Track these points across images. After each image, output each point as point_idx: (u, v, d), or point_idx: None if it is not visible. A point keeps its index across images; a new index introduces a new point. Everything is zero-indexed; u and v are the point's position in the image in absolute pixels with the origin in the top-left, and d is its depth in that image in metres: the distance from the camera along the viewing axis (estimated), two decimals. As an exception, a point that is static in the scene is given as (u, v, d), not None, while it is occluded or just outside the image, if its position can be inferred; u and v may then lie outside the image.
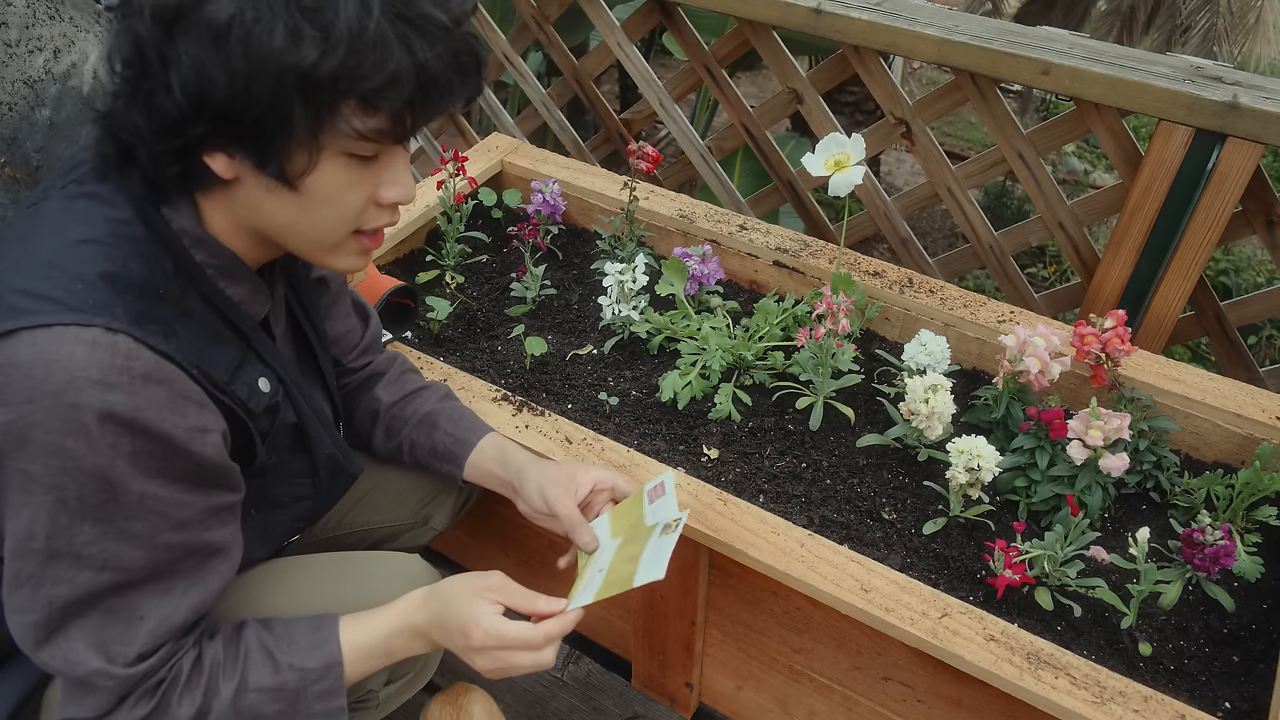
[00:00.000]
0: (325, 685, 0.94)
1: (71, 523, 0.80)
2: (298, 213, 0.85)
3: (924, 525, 1.31)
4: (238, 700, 0.91)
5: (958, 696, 1.20)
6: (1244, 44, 4.81)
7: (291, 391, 1.00)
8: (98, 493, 0.79)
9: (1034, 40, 1.57)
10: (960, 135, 6.18)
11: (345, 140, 0.80)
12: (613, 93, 5.48)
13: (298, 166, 0.80)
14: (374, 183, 0.86)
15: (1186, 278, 1.58)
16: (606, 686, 1.59)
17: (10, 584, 0.83)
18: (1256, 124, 1.40)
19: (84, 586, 0.82)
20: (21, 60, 1.16)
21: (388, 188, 0.87)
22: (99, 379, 0.77)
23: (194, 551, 0.88)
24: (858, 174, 1.32)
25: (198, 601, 0.89)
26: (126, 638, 0.85)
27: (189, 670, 0.89)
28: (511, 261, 1.81)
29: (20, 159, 1.19)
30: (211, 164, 0.82)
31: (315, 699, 0.94)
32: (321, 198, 0.84)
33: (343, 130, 0.79)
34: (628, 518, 1.11)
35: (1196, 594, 1.26)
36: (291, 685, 0.93)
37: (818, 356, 1.45)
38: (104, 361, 0.77)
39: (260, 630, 0.95)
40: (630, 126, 2.21)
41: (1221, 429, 1.40)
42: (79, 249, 0.82)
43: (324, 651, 0.95)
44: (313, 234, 0.87)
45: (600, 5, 2.03)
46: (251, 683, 0.91)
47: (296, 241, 0.89)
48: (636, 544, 1.05)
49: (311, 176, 0.82)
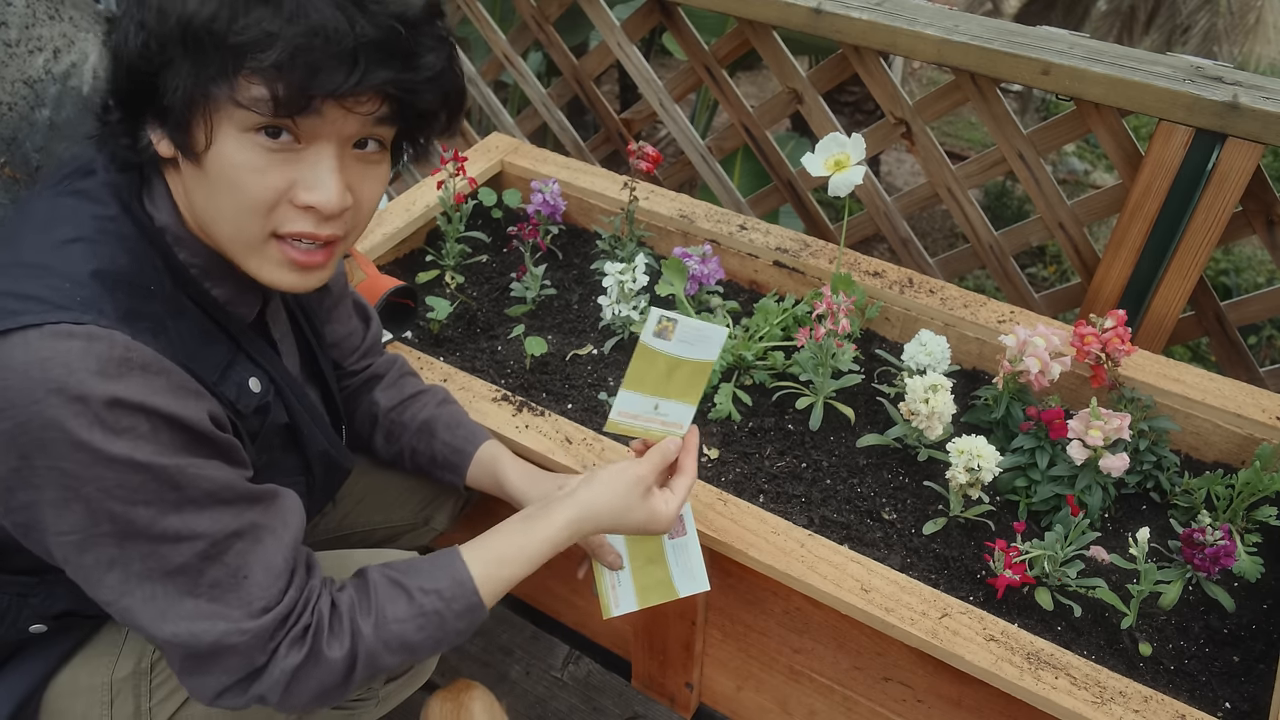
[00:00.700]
0: (462, 602, 0.95)
1: (126, 509, 0.78)
2: (208, 196, 0.82)
3: (924, 525, 1.31)
4: (380, 632, 0.91)
5: (958, 696, 1.20)
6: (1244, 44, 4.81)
7: (284, 391, 0.99)
8: (134, 476, 0.78)
9: (1034, 40, 1.57)
10: (960, 135, 6.18)
11: (234, 110, 0.76)
12: (613, 93, 5.48)
13: (198, 137, 0.78)
14: (288, 177, 0.80)
15: (1186, 278, 1.58)
16: (606, 686, 1.59)
17: (98, 574, 0.81)
18: (1256, 124, 1.40)
19: (172, 558, 0.81)
20: (21, 60, 1.16)
21: (305, 188, 0.81)
22: (98, 370, 0.75)
23: (256, 499, 0.88)
24: (858, 174, 1.32)
25: (289, 539, 0.90)
26: (240, 596, 0.85)
27: (329, 616, 0.90)
28: (511, 261, 1.81)
29: (20, 159, 1.19)
30: (155, 140, 0.82)
31: (456, 617, 0.95)
32: (222, 178, 0.80)
33: (232, 99, 0.76)
34: None
35: (1196, 594, 1.26)
36: (430, 608, 0.94)
37: (818, 356, 1.45)
38: (101, 353, 0.76)
39: (383, 569, 0.96)
40: (630, 126, 2.21)
41: (1221, 429, 1.40)
42: (66, 248, 0.81)
43: (450, 571, 0.96)
44: (228, 226, 0.83)
45: (600, 5, 2.03)
46: (390, 615, 0.92)
47: (218, 235, 0.85)
48: (650, 544, 1.11)
49: (212, 151, 0.79)
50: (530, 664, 1.62)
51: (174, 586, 0.82)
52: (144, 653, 1.02)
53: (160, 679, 1.02)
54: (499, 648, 1.64)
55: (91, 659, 1.01)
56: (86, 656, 1.01)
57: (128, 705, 1.01)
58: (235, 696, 0.87)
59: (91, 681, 1.00)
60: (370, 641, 0.91)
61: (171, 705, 1.02)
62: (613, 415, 1.07)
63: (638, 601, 1.15)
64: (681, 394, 1.07)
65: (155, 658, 1.02)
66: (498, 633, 1.66)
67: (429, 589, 0.94)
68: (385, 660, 0.92)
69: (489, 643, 1.65)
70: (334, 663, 0.89)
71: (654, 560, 1.13)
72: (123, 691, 1.01)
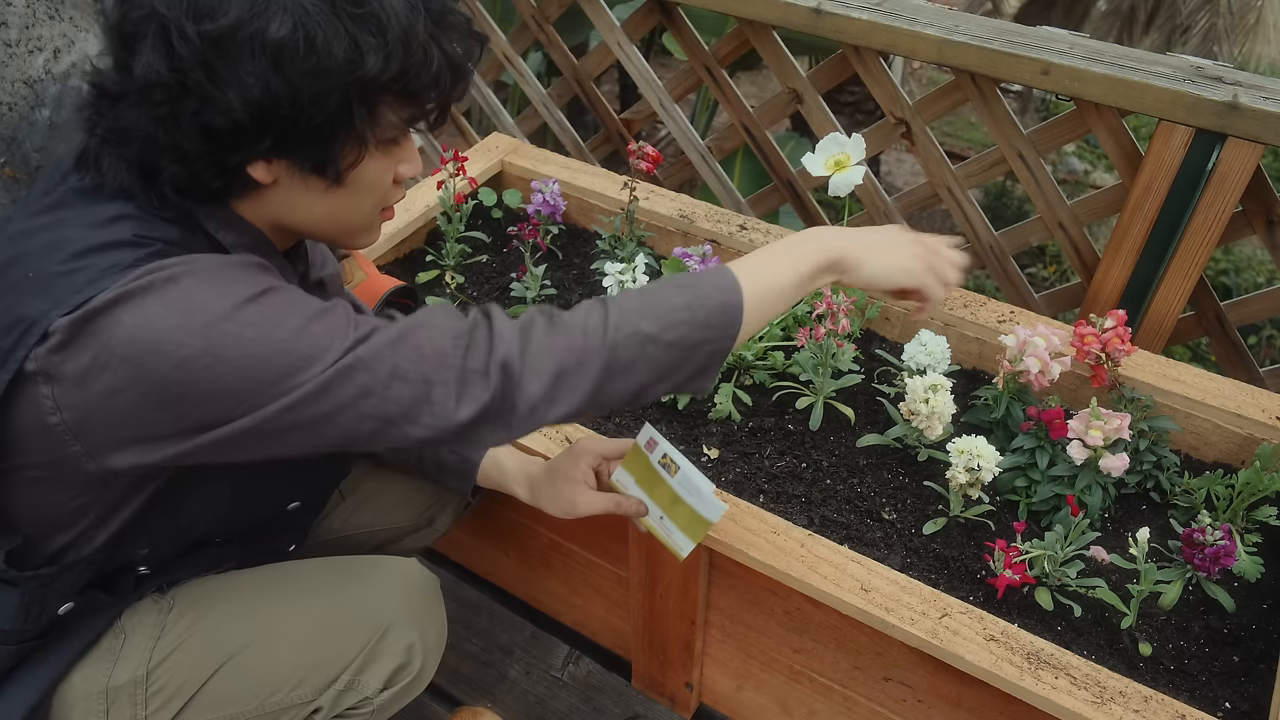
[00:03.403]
0: (721, 278, 0.89)
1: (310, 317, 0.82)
2: (337, 205, 0.90)
3: (924, 525, 1.31)
4: (645, 298, 0.87)
5: (958, 696, 1.20)
6: (1244, 44, 4.81)
7: None
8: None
9: (1034, 40, 1.57)
10: (960, 135, 6.18)
11: (388, 131, 0.86)
12: (613, 93, 5.48)
13: (347, 163, 0.85)
14: (397, 162, 0.91)
15: (1186, 278, 1.58)
16: (606, 686, 1.59)
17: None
18: (1256, 124, 1.40)
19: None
20: (21, 60, 1.16)
21: (405, 165, 0.92)
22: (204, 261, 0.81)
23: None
24: (858, 174, 1.32)
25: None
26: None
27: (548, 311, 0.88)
28: (511, 261, 1.81)
29: (20, 159, 1.19)
30: (253, 172, 0.84)
31: (714, 290, 0.88)
32: (365, 187, 0.89)
33: (386, 123, 0.85)
34: (638, 467, 1.14)
35: (1196, 594, 1.26)
36: (687, 281, 0.89)
37: (818, 356, 1.45)
38: (211, 264, 0.81)
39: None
40: (630, 126, 2.21)
41: (1221, 429, 1.40)
42: (113, 225, 0.83)
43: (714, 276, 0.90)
44: (350, 222, 0.93)
45: (600, 5, 2.03)
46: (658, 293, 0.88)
47: (329, 231, 0.94)
48: (661, 488, 1.12)
49: (357, 170, 0.87)
50: (530, 664, 1.62)
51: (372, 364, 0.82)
52: (140, 660, 1.01)
53: (156, 686, 1.02)
54: (499, 648, 1.64)
55: (89, 666, 1.01)
56: (85, 664, 1.01)
57: (124, 713, 1.00)
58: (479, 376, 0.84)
59: (88, 689, 1.00)
60: (628, 304, 0.86)
61: (168, 713, 1.02)
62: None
63: (690, 539, 1.13)
64: (684, 527, 1.12)
65: (151, 665, 1.02)
66: (497, 633, 1.66)
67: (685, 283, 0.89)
68: (635, 323, 0.85)
69: (489, 643, 1.65)
70: (567, 322, 0.86)
71: (676, 501, 1.13)
72: (119, 699, 1.00)
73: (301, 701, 1.05)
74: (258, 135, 0.80)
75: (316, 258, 1.16)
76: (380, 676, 1.10)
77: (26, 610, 0.94)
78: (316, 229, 0.93)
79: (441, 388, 0.82)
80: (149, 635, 1.03)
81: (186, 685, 1.02)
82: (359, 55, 0.78)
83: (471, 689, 1.58)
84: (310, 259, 1.11)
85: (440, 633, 1.18)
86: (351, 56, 0.78)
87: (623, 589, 1.49)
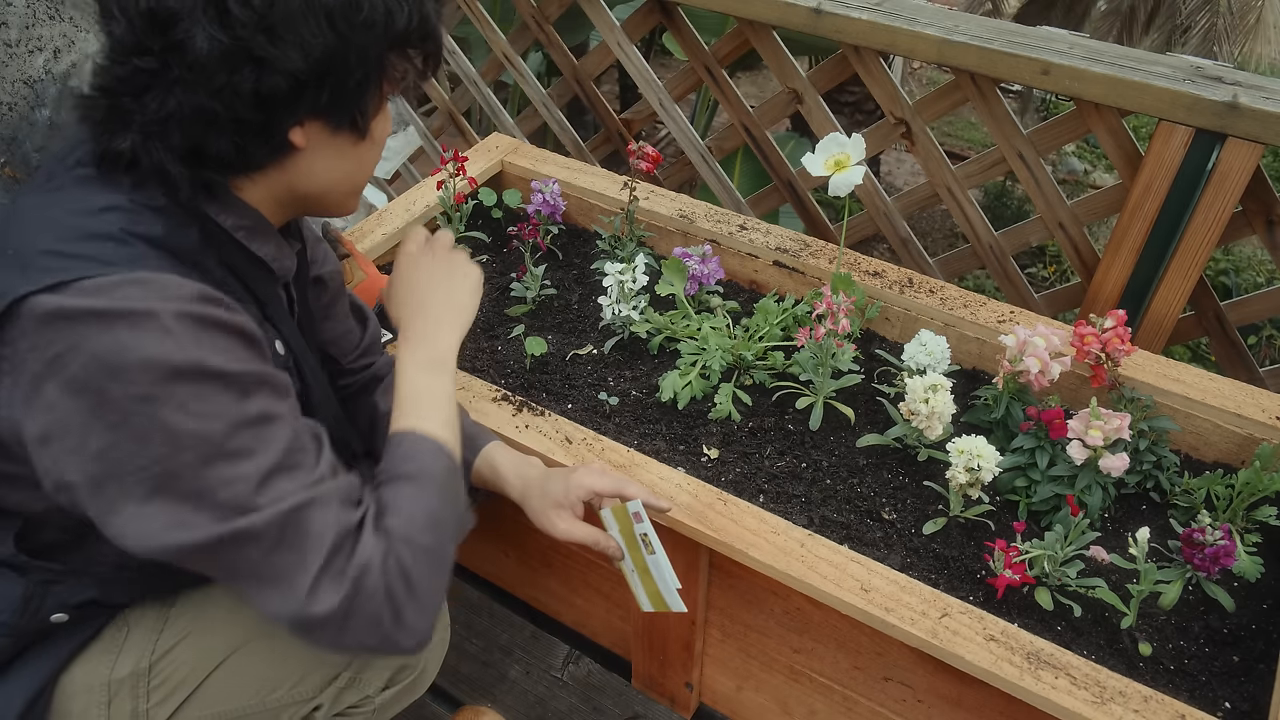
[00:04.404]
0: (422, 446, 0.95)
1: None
2: (357, 161, 0.93)
3: (924, 525, 1.31)
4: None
5: (958, 696, 1.20)
6: (1244, 44, 4.81)
7: (299, 358, 1.02)
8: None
9: (1034, 40, 1.57)
10: (960, 135, 6.18)
11: (397, 84, 0.90)
12: (613, 93, 5.48)
13: (370, 116, 0.90)
14: (386, 118, 0.96)
15: (1186, 278, 1.58)
16: (606, 686, 1.59)
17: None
18: (1256, 124, 1.40)
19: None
20: (21, 60, 1.16)
21: (389, 121, 0.97)
22: (177, 295, 0.79)
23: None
24: (858, 174, 1.32)
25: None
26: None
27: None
28: (511, 261, 1.81)
29: (20, 159, 1.19)
30: (293, 137, 0.86)
31: (433, 461, 0.95)
32: (378, 140, 0.94)
33: (397, 74, 0.89)
34: (624, 522, 1.15)
35: (1196, 594, 1.26)
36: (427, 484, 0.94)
37: (818, 356, 1.45)
38: (169, 288, 0.79)
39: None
40: (630, 126, 2.21)
41: (1221, 429, 1.40)
42: (102, 215, 0.82)
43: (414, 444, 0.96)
44: (361, 179, 0.96)
45: (600, 5, 2.03)
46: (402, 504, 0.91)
47: (339, 191, 0.95)
48: (639, 555, 1.16)
49: (375, 121, 0.92)
50: (530, 664, 1.62)
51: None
52: (143, 653, 1.02)
53: (159, 680, 1.02)
54: (499, 648, 1.64)
55: (92, 658, 1.01)
56: (88, 656, 1.01)
57: (125, 705, 1.01)
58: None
59: (90, 681, 1.00)
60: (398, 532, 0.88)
61: (169, 706, 1.02)
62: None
63: (651, 605, 1.19)
64: (649, 594, 1.19)
65: (154, 658, 1.02)
66: (497, 633, 1.66)
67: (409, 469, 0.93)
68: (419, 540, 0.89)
69: (489, 643, 1.65)
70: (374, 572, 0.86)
71: (647, 572, 1.17)
72: (121, 692, 1.00)
73: (302, 699, 1.06)
74: (316, 94, 0.83)
75: (317, 255, 1.16)
76: (382, 675, 1.10)
77: (26, 604, 0.94)
78: (327, 191, 0.94)
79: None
80: (152, 628, 1.03)
81: (188, 679, 1.02)
82: (393, 13, 0.84)
83: (472, 689, 1.58)
84: (310, 256, 1.11)
85: (443, 633, 1.18)
86: (390, 8, 0.84)
87: (623, 589, 1.49)
